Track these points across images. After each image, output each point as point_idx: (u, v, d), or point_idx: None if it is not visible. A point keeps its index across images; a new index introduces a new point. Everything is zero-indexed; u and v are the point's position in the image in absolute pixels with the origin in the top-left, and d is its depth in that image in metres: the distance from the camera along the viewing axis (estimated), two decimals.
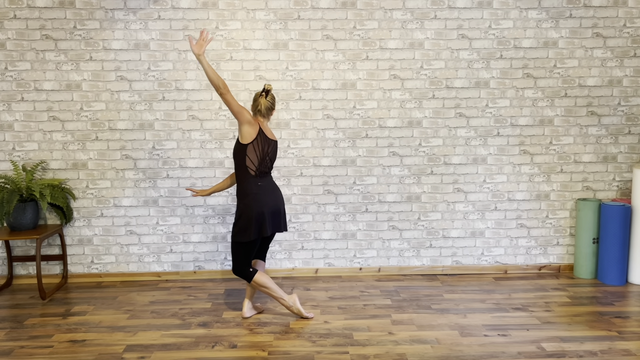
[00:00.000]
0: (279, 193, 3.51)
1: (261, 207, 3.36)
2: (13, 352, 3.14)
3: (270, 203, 3.40)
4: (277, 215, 3.45)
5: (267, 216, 3.37)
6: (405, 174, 4.44)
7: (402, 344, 3.17)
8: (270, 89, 3.38)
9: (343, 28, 4.28)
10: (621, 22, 4.34)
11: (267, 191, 3.41)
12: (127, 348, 3.17)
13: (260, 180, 3.40)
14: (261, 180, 3.40)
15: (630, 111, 4.44)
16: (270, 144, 3.42)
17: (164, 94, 4.29)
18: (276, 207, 3.44)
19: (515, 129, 4.42)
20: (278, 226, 3.48)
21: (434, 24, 4.30)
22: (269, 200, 3.40)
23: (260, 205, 3.36)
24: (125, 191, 4.37)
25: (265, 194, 3.39)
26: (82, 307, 3.85)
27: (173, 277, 4.46)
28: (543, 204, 4.50)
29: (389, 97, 4.35)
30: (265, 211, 3.36)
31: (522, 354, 3.04)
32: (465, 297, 3.96)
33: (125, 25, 4.21)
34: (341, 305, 3.81)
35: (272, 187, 3.46)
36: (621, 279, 4.24)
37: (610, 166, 4.49)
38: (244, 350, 3.13)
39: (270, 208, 3.40)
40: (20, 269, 4.41)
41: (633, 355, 3.03)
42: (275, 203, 3.43)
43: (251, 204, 3.35)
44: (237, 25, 4.24)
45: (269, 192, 3.42)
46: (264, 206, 3.37)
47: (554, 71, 4.38)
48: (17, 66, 4.21)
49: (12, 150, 4.29)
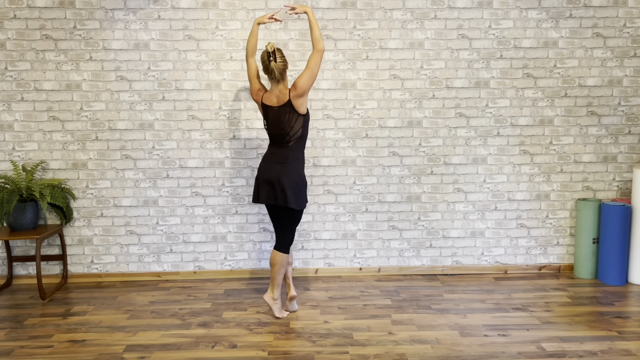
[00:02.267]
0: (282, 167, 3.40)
1: (258, 174, 3.47)
2: (13, 352, 3.14)
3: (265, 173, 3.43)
4: (271, 187, 3.40)
5: (256, 184, 3.48)
6: (405, 174, 4.44)
7: (402, 344, 3.17)
8: (273, 48, 3.29)
9: (343, 28, 4.28)
10: (621, 22, 4.34)
11: (268, 161, 3.45)
12: (127, 348, 3.17)
13: (270, 149, 3.48)
14: (271, 149, 3.47)
15: (630, 111, 4.43)
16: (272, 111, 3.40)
17: (164, 94, 4.29)
18: (269, 178, 3.40)
19: (515, 129, 4.42)
20: (271, 198, 3.42)
21: (434, 24, 4.30)
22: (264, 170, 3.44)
23: (258, 173, 3.48)
24: (125, 191, 4.37)
25: (264, 162, 3.46)
26: (82, 307, 3.85)
27: (173, 277, 4.46)
28: (543, 204, 4.50)
29: (389, 97, 4.35)
30: (256, 178, 3.48)
31: (522, 354, 3.04)
32: (465, 297, 3.96)
33: (125, 25, 4.21)
34: (341, 305, 3.81)
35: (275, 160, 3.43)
36: (621, 279, 4.24)
37: (610, 166, 4.49)
38: (244, 350, 3.13)
39: (264, 178, 3.42)
40: (20, 269, 4.41)
41: (633, 355, 3.03)
42: (268, 174, 3.41)
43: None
44: (237, 25, 4.24)
45: (269, 162, 3.44)
46: (257, 173, 3.48)
47: (554, 71, 4.38)
48: (17, 66, 4.21)
49: (12, 150, 4.29)
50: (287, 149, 3.42)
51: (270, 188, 3.40)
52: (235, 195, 4.40)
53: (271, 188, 3.40)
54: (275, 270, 3.50)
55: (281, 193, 3.37)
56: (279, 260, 3.49)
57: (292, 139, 3.41)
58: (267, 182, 3.40)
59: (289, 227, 3.51)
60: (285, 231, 3.51)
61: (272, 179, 3.38)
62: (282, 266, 3.51)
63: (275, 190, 3.38)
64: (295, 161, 3.42)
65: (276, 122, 3.38)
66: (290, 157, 3.41)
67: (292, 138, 3.40)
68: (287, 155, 3.41)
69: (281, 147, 3.42)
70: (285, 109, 3.36)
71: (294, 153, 3.42)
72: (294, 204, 3.37)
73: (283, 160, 3.40)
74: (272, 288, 3.55)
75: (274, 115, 3.38)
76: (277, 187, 3.37)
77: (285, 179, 3.36)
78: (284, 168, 3.38)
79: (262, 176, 3.43)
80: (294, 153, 3.42)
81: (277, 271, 3.50)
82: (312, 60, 3.31)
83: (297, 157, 3.43)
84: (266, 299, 3.55)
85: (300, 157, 3.45)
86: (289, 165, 3.40)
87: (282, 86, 3.37)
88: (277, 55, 3.29)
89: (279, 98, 3.37)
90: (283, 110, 3.36)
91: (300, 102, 3.33)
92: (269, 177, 3.39)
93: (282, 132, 3.38)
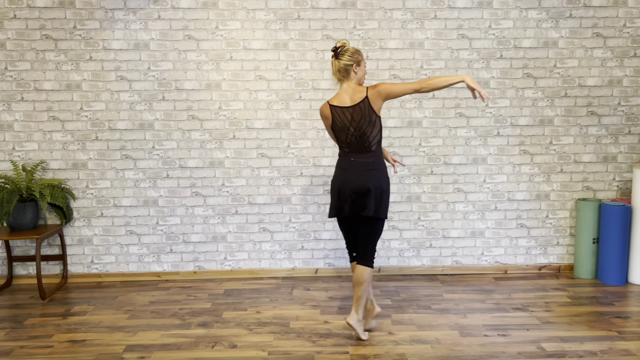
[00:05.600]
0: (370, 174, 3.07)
1: (336, 185, 3.14)
2: (13, 352, 3.14)
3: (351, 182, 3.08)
4: (359, 197, 3.07)
5: (339, 196, 3.12)
6: (405, 174, 4.43)
7: (402, 344, 3.17)
8: (344, 45, 3.08)
9: (343, 28, 4.28)
10: (621, 22, 4.34)
11: (351, 169, 3.09)
12: (127, 348, 3.17)
13: (349, 155, 3.12)
14: (351, 155, 3.11)
15: (630, 111, 4.43)
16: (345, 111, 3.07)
17: (164, 94, 4.29)
18: (356, 188, 3.05)
19: (515, 129, 4.42)
20: (359, 209, 3.08)
21: (434, 24, 4.30)
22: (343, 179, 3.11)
23: (335, 182, 3.15)
24: (125, 191, 4.37)
25: (346, 171, 3.10)
26: (82, 307, 3.85)
27: (173, 277, 4.46)
28: (543, 204, 4.50)
29: None
30: (337, 190, 3.12)
31: (522, 354, 3.04)
32: (465, 297, 3.96)
33: (125, 25, 4.21)
34: (341, 305, 3.81)
35: (361, 167, 3.08)
36: (621, 279, 4.24)
37: (610, 166, 4.49)
38: (244, 350, 3.13)
39: (351, 188, 3.07)
40: (20, 269, 4.41)
41: (633, 355, 3.03)
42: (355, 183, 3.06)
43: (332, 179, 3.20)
44: (237, 25, 4.24)
45: (353, 170, 3.08)
46: (338, 184, 3.12)
47: (554, 71, 4.38)
48: (17, 66, 4.21)
49: (12, 150, 4.29)
50: (370, 154, 3.09)
51: (358, 198, 3.07)
52: (235, 195, 4.40)
53: (359, 198, 3.06)
54: (363, 288, 3.14)
55: (373, 202, 3.05)
56: (366, 276, 3.13)
57: (374, 143, 3.09)
58: (354, 192, 3.06)
59: (374, 239, 3.16)
60: (370, 243, 3.16)
61: (361, 188, 3.04)
62: (369, 282, 3.17)
63: (364, 200, 3.06)
64: (383, 165, 3.12)
65: (353, 122, 3.06)
66: (376, 162, 3.10)
67: (374, 141, 3.09)
68: (373, 161, 3.09)
69: (363, 152, 3.08)
70: (362, 106, 3.05)
71: (379, 159, 3.11)
72: (384, 213, 3.10)
73: (370, 166, 3.07)
74: (356, 308, 3.16)
75: (350, 115, 3.06)
76: (367, 197, 3.05)
77: (377, 187, 3.05)
78: (373, 175, 3.07)
79: (346, 186, 3.07)
80: (379, 159, 3.11)
81: (365, 289, 3.15)
82: (407, 84, 3.02)
83: (382, 162, 3.13)
84: (351, 322, 3.16)
85: (383, 161, 3.15)
86: (378, 172, 3.09)
87: (354, 84, 3.11)
88: (341, 53, 3.07)
89: (352, 96, 3.08)
90: (360, 108, 3.05)
91: (377, 102, 3.05)
92: (356, 187, 3.05)
93: (361, 132, 3.06)
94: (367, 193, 3.05)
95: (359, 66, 3.10)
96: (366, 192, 3.04)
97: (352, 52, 3.08)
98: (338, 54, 3.08)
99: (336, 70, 3.10)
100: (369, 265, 3.16)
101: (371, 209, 3.05)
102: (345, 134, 3.10)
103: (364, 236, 3.16)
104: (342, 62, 3.06)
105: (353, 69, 3.08)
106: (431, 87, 2.98)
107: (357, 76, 3.12)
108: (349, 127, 3.07)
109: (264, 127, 4.35)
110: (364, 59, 3.19)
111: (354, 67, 3.08)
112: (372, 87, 3.05)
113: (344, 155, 3.15)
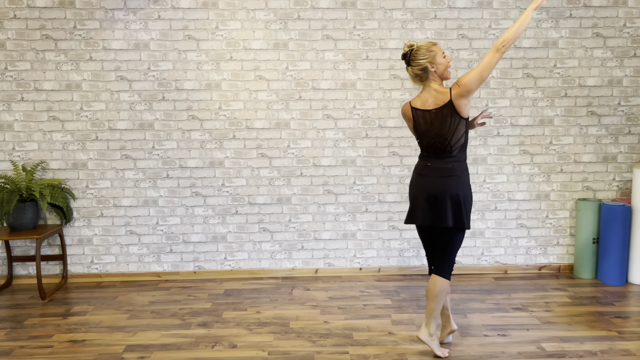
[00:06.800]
0: (447, 180, 2.86)
1: (411, 190, 2.98)
2: (13, 352, 3.14)
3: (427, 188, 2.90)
4: (435, 205, 2.87)
5: (413, 202, 2.96)
6: (405, 174, 4.43)
7: (402, 344, 3.17)
8: (412, 47, 2.84)
9: (343, 28, 4.28)
10: (621, 22, 4.34)
11: (427, 175, 2.91)
12: (127, 348, 3.17)
13: (427, 160, 2.92)
14: (429, 160, 2.92)
15: (630, 111, 4.43)
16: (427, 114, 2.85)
17: (164, 94, 4.29)
18: (432, 194, 2.86)
19: (515, 129, 4.42)
20: (435, 218, 2.88)
21: (434, 24, 4.30)
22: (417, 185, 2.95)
23: (411, 188, 2.99)
24: (125, 191, 4.37)
25: (423, 177, 2.93)
26: (82, 307, 3.85)
27: (173, 277, 4.46)
28: (543, 204, 4.50)
29: (389, 97, 4.35)
30: (412, 196, 2.96)
31: (522, 354, 3.04)
32: (465, 297, 3.96)
33: (125, 25, 4.21)
34: (341, 305, 3.81)
35: (438, 173, 2.88)
36: (621, 279, 4.24)
37: (610, 166, 4.49)
38: (244, 350, 3.13)
39: (427, 194, 2.88)
40: (20, 269, 4.41)
41: (633, 355, 3.03)
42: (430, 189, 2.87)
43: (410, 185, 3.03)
44: (237, 25, 4.24)
45: (430, 176, 2.90)
46: (414, 190, 2.96)
47: (554, 71, 4.38)
48: (17, 66, 4.21)
49: (12, 150, 4.29)
50: (451, 159, 2.86)
51: (433, 207, 2.87)
52: (235, 195, 4.40)
53: (433, 207, 2.87)
54: (437, 301, 2.92)
55: (450, 212, 2.85)
56: (439, 288, 2.92)
57: (455, 147, 2.85)
58: (427, 200, 2.87)
59: (452, 250, 2.94)
60: (446, 254, 2.93)
61: (435, 196, 2.85)
62: (443, 296, 2.95)
63: (439, 209, 2.86)
64: (464, 171, 2.90)
65: (433, 128, 2.84)
66: (457, 168, 2.87)
67: (455, 146, 2.85)
68: (452, 167, 2.87)
69: (443, 158, 2.87)
70: (445, 111, 2.81)
71: (460, 164, 2.89)
72: (464, 223, 2.86)
73: (448, 172, 2.86)
74: (428, 323, 2.96)
75: (430, 119, 2.84)
76: (442, 205, 2.85)
77: (454, 195, 2.84)
78: (451, 182, 2.85)
79: (420, 193, 2.90)
80: (460, 164, 2.89)
81: (439, 302, 2.93)
82: (486, 57, 2.76)
83: (464, 167, 2.90)
84: (422, 337, 2.96)
85: (466, 167, 2.92)
86: (457, 178, 2.87)
87: (436, 85, 2.87)
88: (412, 57, 2.85)
89: (436, 99, 2.84)
90: (442, 113, 2.82)
91: (463, 103, 2.79)
92: (430, 194, 2.86)
93: (441, 138, 2.84)
94: (442, 201, 2.83)
95: (435, 61, 2.82)
96: (441, 200, 2.83)
97: (422, 53, 2.82)
98: (409, 60, 2.86)
99: (412, 77, 2.89)
100: (445, 276, 2.93)
101: (449, 218, 2.83)
102: (425, 138, 2.90)
103: (441, 246, 2.94)
104: (416, 69, 2.85)
105: (429, 68, 2.83)
106: (511, 41, 2.72)
107: (438, 73, 2.85)
108: (429, 130, 2.87)
109: (264, 127, 4.35)
110: (441, 51, 2.86)
111: (430, 67, 2.82)
112: (454, 86, 2.81)
113: (422, 159, 2.96)
